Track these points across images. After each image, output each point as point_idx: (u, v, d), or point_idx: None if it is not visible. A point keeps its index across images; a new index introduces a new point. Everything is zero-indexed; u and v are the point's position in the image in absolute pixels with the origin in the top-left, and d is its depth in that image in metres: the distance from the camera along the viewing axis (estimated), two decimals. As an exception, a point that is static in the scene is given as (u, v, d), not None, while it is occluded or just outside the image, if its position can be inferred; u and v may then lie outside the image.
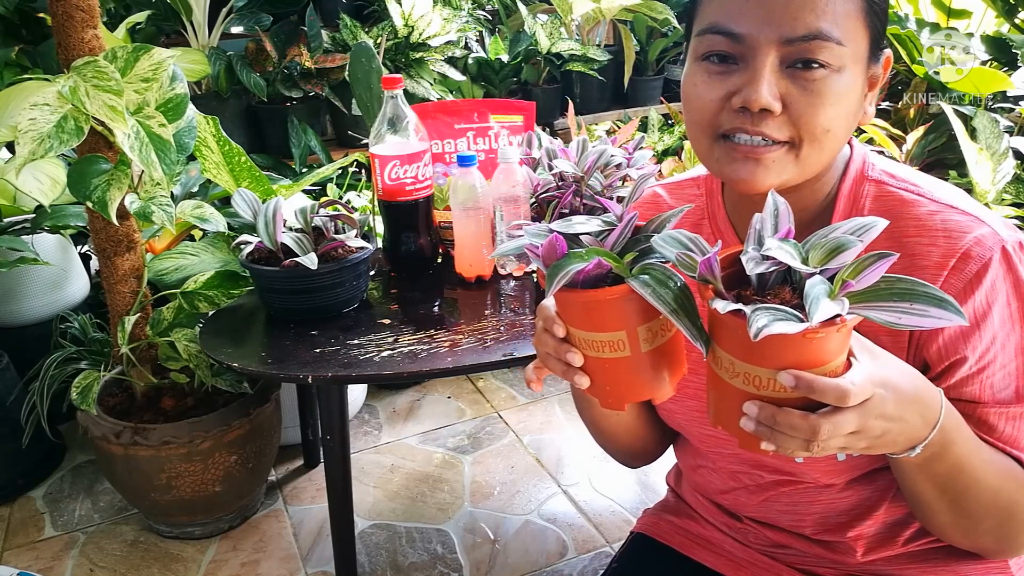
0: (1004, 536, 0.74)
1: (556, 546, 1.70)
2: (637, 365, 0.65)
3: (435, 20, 2.43)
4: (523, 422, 2.14)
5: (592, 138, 2.30)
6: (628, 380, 0.66)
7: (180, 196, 1.79)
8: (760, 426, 0.59)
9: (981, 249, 0.70)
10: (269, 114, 2.43)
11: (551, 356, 0.69)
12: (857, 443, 0.60)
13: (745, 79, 0.68)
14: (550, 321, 0.67)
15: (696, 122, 0.73)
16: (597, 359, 0.66)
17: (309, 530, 1.77)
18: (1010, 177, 1.84)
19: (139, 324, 1.63)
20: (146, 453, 1.57)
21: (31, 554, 1.72)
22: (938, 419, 0.64)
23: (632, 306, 0.62)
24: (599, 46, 2.87)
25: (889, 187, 0.76)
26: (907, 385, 0.62)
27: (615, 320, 0.63)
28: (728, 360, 0.59)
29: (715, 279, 0.58)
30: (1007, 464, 0.72)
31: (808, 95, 0.67)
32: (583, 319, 0.65)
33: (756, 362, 0.58)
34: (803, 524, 0.86)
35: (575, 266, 0.60)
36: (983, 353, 0.71)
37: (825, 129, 0.68)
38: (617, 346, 0.64)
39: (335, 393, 1.37)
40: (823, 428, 0.57)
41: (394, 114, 1.44)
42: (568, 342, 0.67)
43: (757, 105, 0.67)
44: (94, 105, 1.28)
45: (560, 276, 0.60)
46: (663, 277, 0.60)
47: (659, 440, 0.97)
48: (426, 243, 1.55)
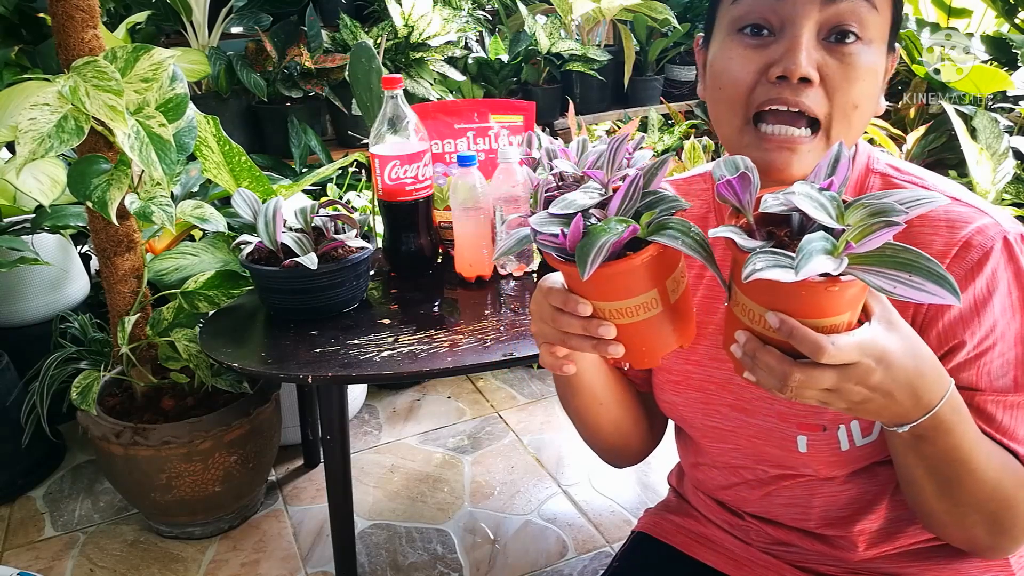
0: (997, 530, 0.73)
1: (556, 546, 1.70)
2: (669, 317, 0.66)
3: (435, 20, 2.43)
4: (523, 422, 2.14)
5: (592, 138, 2.30)
6: (661, 335, 0.67)
7: (180, 196, 1.79)
8: (744, 356, 0.61)
9: (983, 238, 0.70)
10: (269, 114, 2.43)
11: (575, 336, 0.68)
12: (835, 402, 0.61)
13: (784, 47, 0.68)
14: (572, 302, 0.66)
15: (728, 99, 0.72)
16: (631, 324, 0.66)
17: (309, 530, 1.77)
18: (1010, 177, 1.84)
19: (139, 324, 1.62)
20: (146, 453, 1.57)
21: (31, 554, 1.72)
22: (934, 406, 0.64)
23: (660, 263, 0.63)
24: (599, 46, 2.87)
25: (893, 179, 0.77)
26: (907, 365, 0.61)
27: (647, 281, 0.63)
28: (735, 290, 0.61)
29: (742, 206, 0.59)
30: (1005, 459, 0.72)
31: (843, 67, 0.68)
32: (616, 290, 0.64)
33: (751, 296, 0.59)
34: (806, 519, 0.86)
35: (609, 238, 0.59)
36: (982, 339, 0.71)
37: (855, 105, 0.69)
38: (650, 305, 0.64)
39: (335, 393, 1.37)
40: (794, 375, 0.58)
41: (394, 114, 1.44)
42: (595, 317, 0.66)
43: (798, 74, 0.67)
44: (94, 105, 1.28)
45: (596, 251, 0.59)
46: (683, 226, 0.60)
47: (644, 438, 0.96)
48: (426, 243, 1.55)
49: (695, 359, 0.86)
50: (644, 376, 0.94)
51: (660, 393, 0.91)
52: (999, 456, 0.72)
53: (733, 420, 0.85)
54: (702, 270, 0.86)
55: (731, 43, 0.71)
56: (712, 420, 0.87)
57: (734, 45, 0.71)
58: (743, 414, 0.83)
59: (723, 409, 0.85)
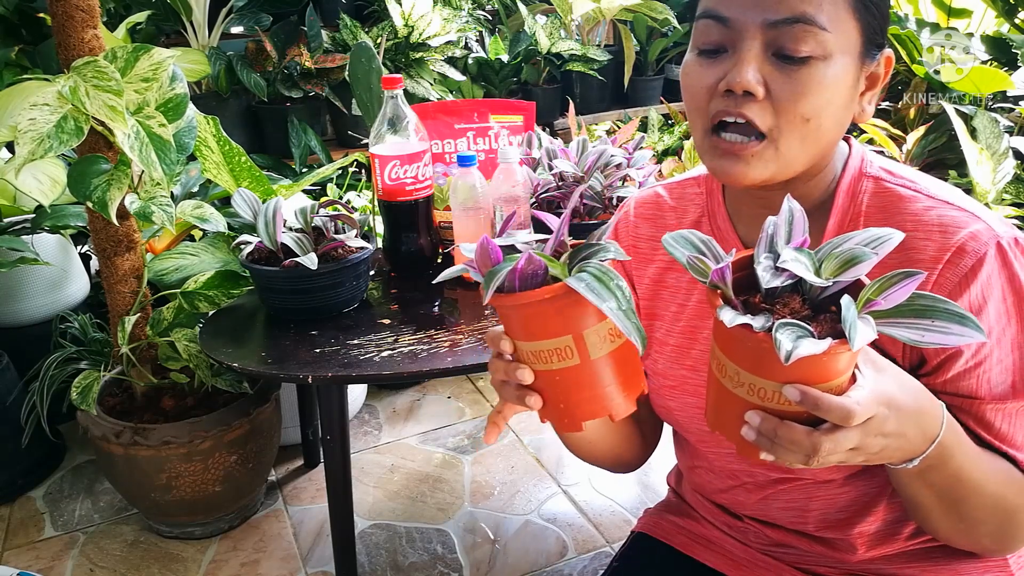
0: (1003, 537, 0.75)
1: (556, 546, 1.70)
2: (589, 374, 0.63)
3: (435, 20, 2.43)
4: (523, 422, 2.14)
5: (592, 138, 2.30)
6: (582, 393, 0.65)
7: (180, 196, 1.79)
8: (761, 437, 0.59)
9: (976, 244, 0.70)
10: (269, 114, 2.43)
11: (504, 383, 0.69)
12: (855, 458, 0.61)
13: (731, 64, 0.70)
14: (496, 339, 0.67)
15: (692, 110, 0.75)
16: (547, 372, 0.64)
17: (309, 530, 1.77)
18: (1010, 177, 1.84)
19: (139, 324, 1.62)
20: (146, 453, 1.57)
21: (31, 554, 1.72)
22: (938, 434, 0.65)
23: (574, 308, 0.62)
24: (599, 46, 2.87)
25: (886, 183, 0.77)
26: (910, 402, 0.62)
27: (558, 324, 0.62)
28: (734, 370, 0.58)
29: (726, 287, 0.57)
30: (1006, 469, 0.72)
31: (791, 82, 0.69)
32: (525, 327, 0.64)
33: (764, 375, 0.57)
34: (805, 521, 0.86)
35: (507, 267, 0.60)
36: (979, 347, 0.71)
37: (804, 118, 0.69)
38: (564, 354, 0.63)
39: (335, 393, 1.37)
40: (824, 445, 0.57)
41: (394, 114, 1.44)
42: (517, 360, 0.67)
43: (740, 87, 0.69)
44: (94, 105, 1.28)
45: (495, 279, 0.60)
46: (601, 274, 0.60)
47: (639, 451, 0.97)
48: (426, 243, 1.55)
49: (689, 364, 0.86)
50: None
51: (656, 399, 0.92)
52: (1000, 467, 0.72)
53: None
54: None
55: (692, 59, 0.75)
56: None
57: (694, 61, 0.74)
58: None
59: None
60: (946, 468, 0.67)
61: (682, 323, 0.87)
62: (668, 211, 0.90)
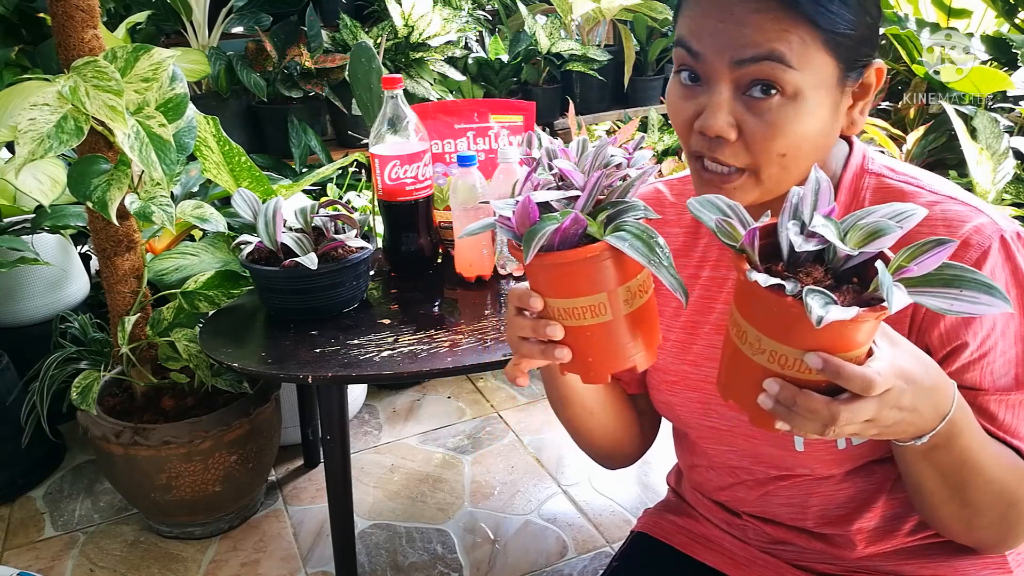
0: (1003, 529, 0.75)
1: (556, 546, 1.70)
2: (618, 329, 0.64)
3: (435, 20, 2.43)
4: (523, 422, 2.14)
5: (592, 138, 2.30)
6: (610, 347, 0.65)
7: (180, 196, 1.79)
8: (778, 405, 0.59)
9: (980, 237, 0.71)
10: (269, 114, 2.42)
11: (526, 340, 0.68)
12: (869, 430, 0.61)
13: (704, 103, 0.70)
14: (525, 297, 0.66)
15: (678, 134, 0.75)
16: (578, 328, 0.65)
17: (309, 530, 1.77)
18: (1010, 177, 1.84)
19: (139, 324, 1.63)
20: (146, 453, 1.57)
21: (31, 554, 1.72)
22: (949, 411, 0.65)
23: (611, 265, 0.62)
24: (599, 46, 2.87)
25: (888, 180, 0.77)
26: (925, 377, 0.62)
27: (595, 282, 0.63)
28: (755, 336, 0.58)
29: (752, 252, 0.57)
30: (1010, 457, 0.73)
31: (762, 123, 0.68)
32: (562, 285, 0.64)
33: (787, 341, 0.57)
34: (804, 518, 0.86)
35: (551, 226, 0.60)
36: (984, 339, 0.72)
37: (780, 154, 0.69)
38: (598, 310, 0.63)
39: (335, 393, 1.37)
40: (842, 415, 0.57)
41: (394, 114, 1.44)
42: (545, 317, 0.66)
43: (712, 132, 0.69)
44: (94, 105, 1.28)
45: (538, 238, 0.59)
46: (640, 232, 0.60)
47: (635, 442, 0.97)
48: (426, 243, 1.55)
49: (691, 359, 0.86)
50: (636, 378, 0.94)
51: (656, 394, 0.92)
52: (1004, 455, 0.72)
53: (730, 420, 0.85)
54: (697, 271, 0.87)
55: (674, 81, 0.74)
56: (709, 420, 0.87)
57: (675, 85, 0.74)
58: (740, 413, 0.84)
59: (720, 409, 0.85)
60: (953, 448, 0.67)
61: (683, 318, 0.87)
62: (669, 207, 0.90)
